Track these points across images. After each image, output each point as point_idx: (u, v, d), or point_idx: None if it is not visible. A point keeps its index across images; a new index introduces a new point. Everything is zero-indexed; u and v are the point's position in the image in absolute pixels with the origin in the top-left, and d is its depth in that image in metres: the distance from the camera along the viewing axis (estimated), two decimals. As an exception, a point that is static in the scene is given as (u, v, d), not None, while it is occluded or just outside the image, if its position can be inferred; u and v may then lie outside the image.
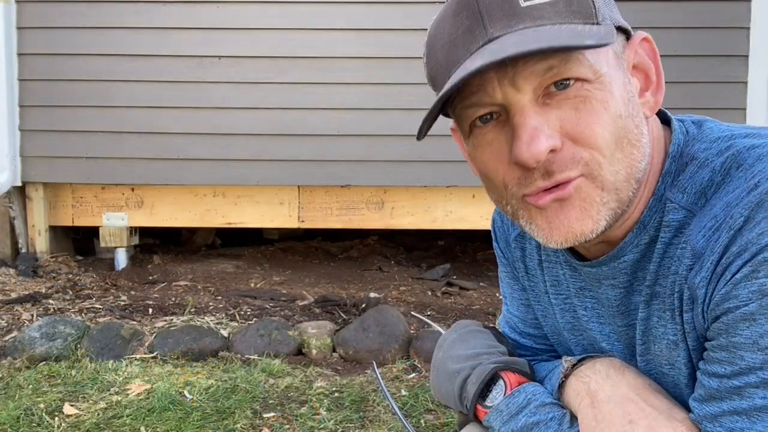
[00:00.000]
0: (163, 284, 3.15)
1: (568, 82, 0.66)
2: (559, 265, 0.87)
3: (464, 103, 0.71)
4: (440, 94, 0.69)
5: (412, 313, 2.76)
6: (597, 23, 0.66)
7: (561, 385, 0.83)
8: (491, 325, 1.01)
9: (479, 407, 0.87)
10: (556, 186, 0.68)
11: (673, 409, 0.73)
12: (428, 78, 0.80)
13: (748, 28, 3.20)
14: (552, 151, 0.66)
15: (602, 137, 0.66)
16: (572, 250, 0.82)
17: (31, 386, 2.13)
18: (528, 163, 0.66)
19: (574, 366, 0.83)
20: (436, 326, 2.59)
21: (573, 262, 0.82)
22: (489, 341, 0.93)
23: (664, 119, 0.77)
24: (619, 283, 0.78)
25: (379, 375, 2.24)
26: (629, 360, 0.81)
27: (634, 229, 0.74)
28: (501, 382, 0.86)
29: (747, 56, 3.21)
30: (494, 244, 1.00)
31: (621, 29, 0.70)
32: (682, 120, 0.77)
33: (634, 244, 0.74)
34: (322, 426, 1.90)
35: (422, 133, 0.76)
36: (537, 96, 0.67)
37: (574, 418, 0.79)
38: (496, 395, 0.85)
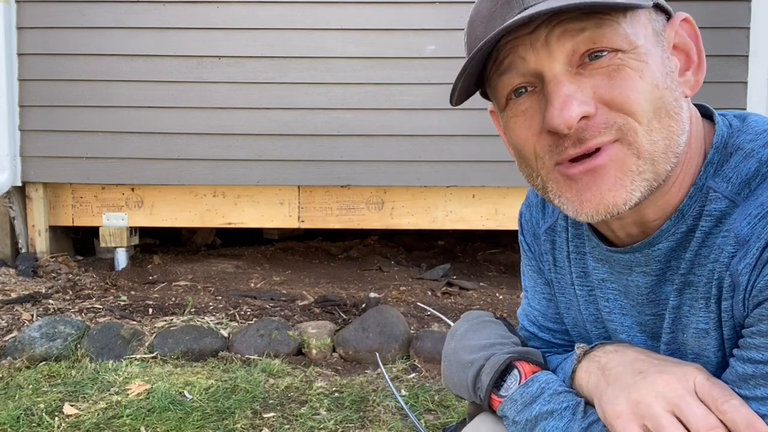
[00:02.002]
0: (163, 284, 3.15)
1: (601, 53, 0.66)
2: (586, 256, 0.86)
3: (499, 70, 0.71)
4: (472, 52, 0.69)
5: (419, 303, 2.77)
6: None
7: (574, 371, 0.83)
8: (501, 315, 1.02)
9: (493, 397, 0.86)
10: (588, 156, 0.67)
11: (681, 361, 0.73)
12: (467, 54, 0.79)
13: (748, 28, 3.20)
14: (585, 118, 0.66)
15: (637, 103, 0.65)
16: (602, 237, 0.81)
17: (31, 386, 2.12)
18: (560, 128, 0.66)
19: (586, 353, 0.83)
20: (444, 318, 2.59)
21: (603, 249, 0.81)
22: (501, 331, 0.93)
23: (705, 114, 0.77)
24: (651, 270, 0.77)
25: (383, 368, 2.24)
26: (652, 350, 0.80)
27: (672, 217, 0.73)
28: (515, 371, 0.85)
29: (747, 56, 3.21)
30: (520, 237, 1.00)
31: (661, 8, 0.71)
32: (723, 114, 0.76)
33: (671, 233, 0.73)
34: (322, 426, 1.90)
35: (454, 96, 0.76)
36: (571, 65, 0.67)
37: (588, 406, 0.79)
38: (511, 385, 0.85)
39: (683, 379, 0.69)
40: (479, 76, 0.75)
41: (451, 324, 1.03)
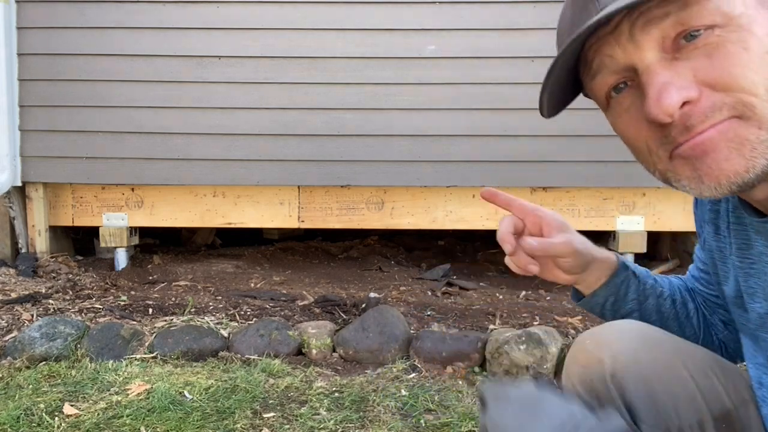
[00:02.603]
0: (163, 284, 3.15)
1: (697, 32, 0.62)
2: (748, 228, 0.81)
3: (591, 74, 0.70)
4: (556, 56, 0.68)
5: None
6: None
7: None
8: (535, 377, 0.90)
9: None
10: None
11: None
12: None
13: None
14: (688, 103, 0.62)
15: (745, 78, 0.61)
16: (753, 209, 0.76)
17: (31, 386, 2.12)
18: (660, 118, 0.63)
19: None
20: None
21: (755, 220, 0.76)
22: (565, 403, 0.77)
23: None
24: None
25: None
26: None
27: None
28: None
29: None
30: (693, 205, 0.98)
31: None
32: None
33: None
34: (322, 426, 1.90)
35: (543, 107, 0.74)
36: (664, 51, 0.64)
37: None
38: None
39: None
40: (574, 82, 0.73)
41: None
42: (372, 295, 2.92)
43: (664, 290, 1.05)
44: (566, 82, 0.72)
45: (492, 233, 4.14)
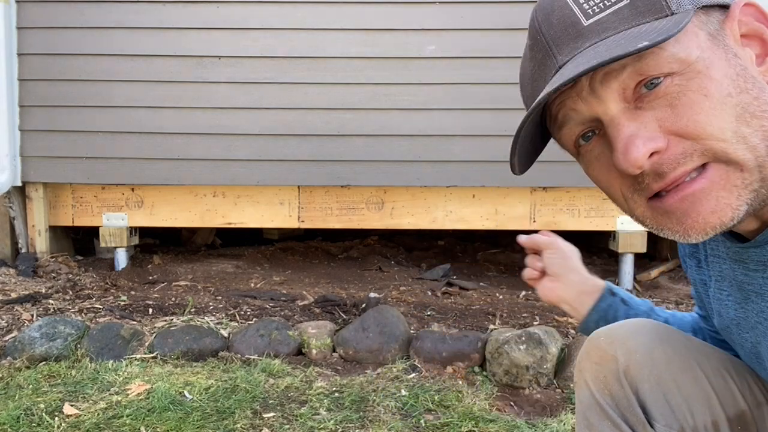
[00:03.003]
0: (163, 284, 3.15)
1: (657, 80, 0.62)
2: (721, 260, 0.82)
3: (557, 125, 0.71)
4: (519, 125, 0.69)
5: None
6: (670, 14, 0.62)
7: None
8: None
9: None
10: (677, 185, 0.63)
11: None
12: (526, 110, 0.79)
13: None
14: (656, 153, 0.62)
15: (711, 125, 0.61)
16: (733, 234, 0.76)
17: (31, 386, 2.12)
18: (630, 171, 0.63)
19: None
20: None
21: (734, 246, 0.76)
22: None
23: None
24: None
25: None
26: None
27: None
28: None
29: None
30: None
31: (715, 6, 0.65)
32: None
33: None
34: (322, 426, 1.90)
35: (515, 166, 0.74)
36: (626, 101, 0.64)
37: None
38: None
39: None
40: (542, 133, 0.74)
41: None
42: (372, 295, 2.93)
43: (666, 321, 1.06)
44: (534, 134, 0.72)
45: (492, 233, 4.15)
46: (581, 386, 0.93)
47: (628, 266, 3.35)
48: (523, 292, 3.16)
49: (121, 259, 3.45)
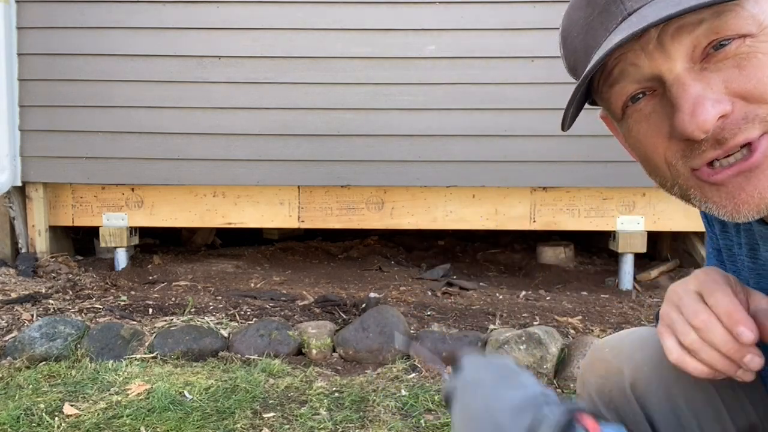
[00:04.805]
0: (163, 284, 3.15)
1: (726, 41, 0.59)
2: (751, 232, 0.78)
3: (609, 81, 0.66)
4: (581, 76, 0.64)
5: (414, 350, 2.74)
6: None
7: None
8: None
9: None
10: (730, 155, 0.60)
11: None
12: (568, 69, 0.74)
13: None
14: (721, 117, 0.59)
15: None
16: None
17: (31, 386, 2.12)
18: (694, 135, 0.59)
19: None
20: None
21: (758, 227, 0.73)
22: (535, 380, 0.77)
23: None
24: None
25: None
26: None
27: None
28: (575, 428, 0.72)
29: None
30: None
31: None
32: None
33: None
34: (322, 426, 1.90)
35: (566, 123, 0.70)
36: (693, 61, 0.60)
37: None
38: None
39: (682, 285, 0.68)
40: (586, 90, 0.69)
41: (446, 377, 0.78)
42: (372, 295, 2.92)
43: None
44: (582, 91, 0.67)
45: (492, 233, 4.15)
46: (585, 400, 0.89)
47: (628, 266, 3.35)
48: (523, 292, 3.16)
49: (121, 259, 3.45)
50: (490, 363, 0.78)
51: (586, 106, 0.73)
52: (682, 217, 3.34)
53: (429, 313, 2.77)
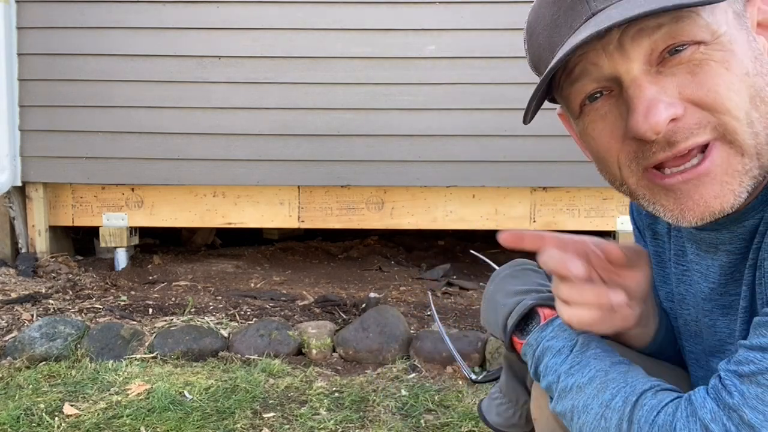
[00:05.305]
0: (163, 284, 3.15)
1: (682, 47, 0.61)
2: (683, 236, 0.82)
3: (570, 79, 0.67)
4: (544, 72, 0.66)
5: (475, 253, 2.74)
6: None
7: None
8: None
9: (516, 340, 0.89)
10: (681, 158, 0.62)
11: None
12: (531, 64, 0.76)
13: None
14: (673, 120, 0.61)
15: (729, 99, 0.60)
16: None
17: (31, 386, 2.12)
18: (647, 135, 0.61)
19: None
20: (493, 264, 2.58)
21: (688, 229, 0.76)
22: (540, 279, 0.94)
23: None
24: (735, 249, 0.71)
25: (432, 302, 2.27)
26: (731, 331, 0.76)
27: (759, 195, 0.67)
28: (537, 317, 0.87)
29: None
30: (630, 208, 0.98)
31: None
32: None
33: (758, 210, 0.68)
34: (322, 426, 1.90)
35: (528, 116, 0.73)
36: (650, 64, 0.62)
37: (599, 340, 0.79)
38: (532, 329, 0.87)
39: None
40: (548, 87, 0.71)
41: (497, 267, 1.02)
42: (372, 295, 2.93)
43: None
44: (543, 87, 0.69)
45: (492, 233, 4.15)
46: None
47: (628, 266, 3.35)
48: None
49: (121, 259, 3.45)
50: (514, 264, 1.00)
51: (547, 104, 0.75)
52: (682, 217, 3.33)
53: (429, 313, 2.77)
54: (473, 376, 1.26)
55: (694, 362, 0.86)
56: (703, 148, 0.62)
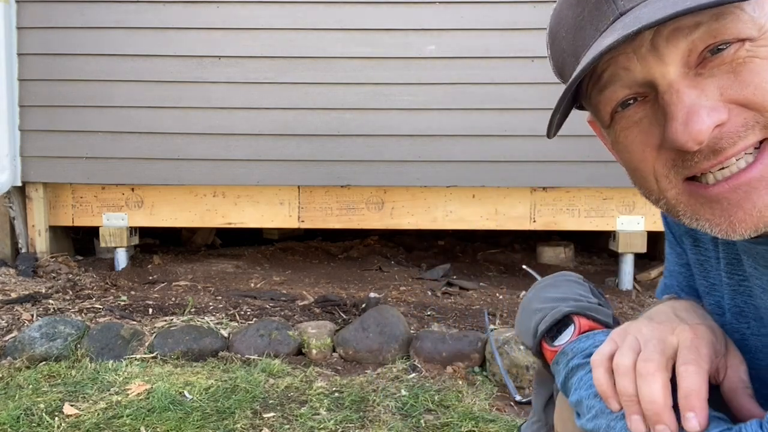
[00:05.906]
0: (163, 284, 3.15)
1: (724, 46, 0.55)
2: (736, 244, 0.73)
3: (599, 86, 0.61)
4: (569, 81, 0.60)
5: (526, 268, 2.74)
6: None
7: None
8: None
9: (546, 346, 0.85)
10: (725, 168, 0.56)
11: (702, 320, 0.70)
12: (555, 71, 0.70)
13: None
14: (717, 126, 0.55)
15: None
16: None
17: (31, 386, 2.12)
18: (687, 146, 0.55)
19: None
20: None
21: (742, 240, 0.67)
22: (580, 291, 0.89)
23: None
24: None
25: (488, 318, 2.26)
26: None
27: None
28: (572, 325, 0.82)
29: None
30: (662, 215, 0.89)
31: None
32: None
33: None
34: (322, 426, 1.90)
35: (551, 130, 0.66)
36: (688, 67, 0.56)
37: None
38: (564, 337, 0.83)
39: (665, 330, 0.66)
40: (574, 95, 0.65)
41: (538, 278, 1.00)
42: (372, 295, 2.92)
43: None
44: (569, 95, 0.63)
45: (492, 233, 4.15)
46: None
47: (628, 266, 3.35)
48: (523, 292, 3.16)
49: (121, 259, 3.45)
50: (558, 274, 0.99)
51: (574, 110, 0.70)
52: (682, 217, 3.33)
53: (429, 313, 2.77)
54: (518, 397, 1.24)
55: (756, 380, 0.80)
56: (752, 149, 0.57)
